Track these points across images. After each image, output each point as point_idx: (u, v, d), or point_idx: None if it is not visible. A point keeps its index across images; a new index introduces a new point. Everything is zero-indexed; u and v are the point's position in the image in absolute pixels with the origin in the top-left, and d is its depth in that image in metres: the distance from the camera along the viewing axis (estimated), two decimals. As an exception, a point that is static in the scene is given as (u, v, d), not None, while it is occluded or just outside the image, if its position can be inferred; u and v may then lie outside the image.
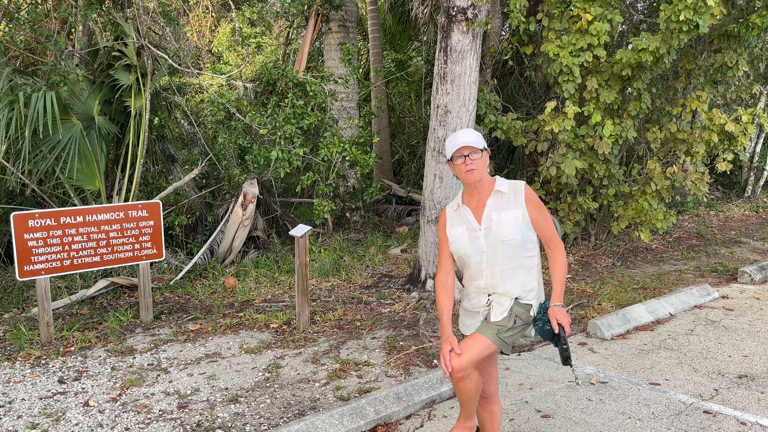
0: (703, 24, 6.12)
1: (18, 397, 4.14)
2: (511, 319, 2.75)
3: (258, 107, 8.17)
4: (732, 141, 7.44)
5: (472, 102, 6.25)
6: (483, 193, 2.81)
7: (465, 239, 2.78)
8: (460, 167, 2.74)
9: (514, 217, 2.73)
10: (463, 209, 2.83)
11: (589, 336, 5.30)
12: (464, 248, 2.79)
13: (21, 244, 5.02)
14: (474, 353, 2.69)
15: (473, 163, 2.72)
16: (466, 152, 2.72)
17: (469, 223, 2.79)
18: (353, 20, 9.73)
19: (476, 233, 2.76)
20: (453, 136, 2.78)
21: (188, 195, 8.14)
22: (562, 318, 2.72)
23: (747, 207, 12.34)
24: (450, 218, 2.88)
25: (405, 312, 5.92)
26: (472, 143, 2.71)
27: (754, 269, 7.10)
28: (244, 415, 3.88)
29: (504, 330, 2.74)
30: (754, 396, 4.13)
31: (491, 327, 2.75)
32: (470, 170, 2.72)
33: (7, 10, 7.19)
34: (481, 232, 2.75)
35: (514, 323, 2.75)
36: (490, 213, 2.75)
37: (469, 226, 2.79)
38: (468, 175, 2.73)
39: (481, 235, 2.75)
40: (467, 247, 2.78)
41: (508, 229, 2.71)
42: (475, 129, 6.54)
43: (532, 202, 2.77)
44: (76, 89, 6.87)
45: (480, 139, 2.76)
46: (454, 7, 6.04)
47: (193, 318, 5.79)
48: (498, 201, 2.77)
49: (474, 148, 2.72)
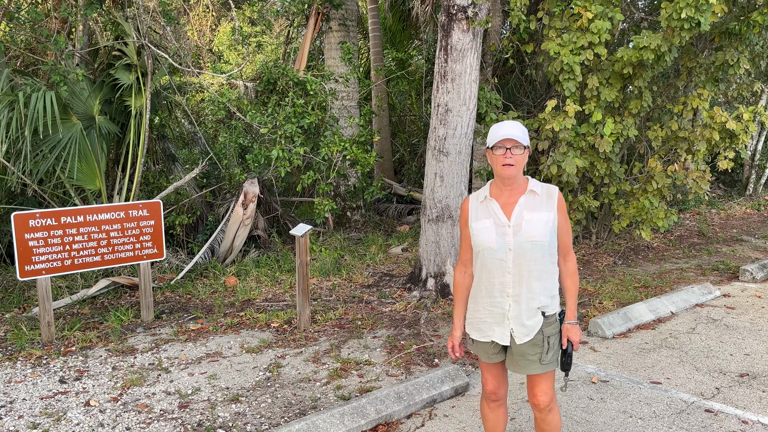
0: (704, 22, 6.10)
1: (19, 396, 4.14)
2: (545, 342, 2.74)
3: (258, 106, 8.16)
4: (733, 139, 7.42)
5: (473, 100, 6.24)
6: (515, 190, 2.73)
7: (492, 233, 2.69)
8: (499, 158, 2.66)
9: (545, 220, 2.68)
10: (490, 202, 2.74)
11: (591, 335, 5.30)
12: (489, 242, 2.69)
13: (22, 244, 5.02)
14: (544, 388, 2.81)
15: (512, 158, 2.63)
16: (509, 145, 2.64)
17: (497, 218, 2.70)
18: (354, 19, 9.72)
19: (504, 229, 2.68)
20: (499, 125, 2.68)
21: (189, 194, 8.14)
22: (574, 336, 2.76)
23: (748, 205, 12.32)
24: (474, 210, 2.78)
25: (406, 311, 5.92)
26: (517, 137, 2.62)
27: (755, 267, 7.08)
28: (245, 414, 3.88)
29: (543, 355, 2.75)
30: (756, 395, 4.13)
31: (532, 363, 2.74)
32: (508, 164, 2.64)
33: (8, 9, 7.19)
34: (510, 228, 2.67)
35: (548, 344, 2.74)
36: (522, 212, 2.68)
37: (497, 221, 2.70)
38: (504, 168, 2.65)
39: (510, 232, 2.67)
40: (493, 241, 2.68)
41: (538, 231, 2.65)
42: (475, 128, 6.53)
43: (561, 209, 2.74)
44: (76, 89, 6.87)
45: (525, 135, 2.67)
46: (454, 6, 6.03)
47: (194, 317, 5.79)
48: (530, 201, 2.70)
49: (518, 142, 2.64)
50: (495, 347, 2.84)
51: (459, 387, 4.16)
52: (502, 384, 2.96)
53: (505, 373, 2.96)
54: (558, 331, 2.78)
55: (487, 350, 2.86)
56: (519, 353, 2.76)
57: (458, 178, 6.29)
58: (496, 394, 2.96)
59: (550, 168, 7.17)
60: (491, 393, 2.97)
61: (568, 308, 2.79)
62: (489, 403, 3.00)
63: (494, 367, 2.91)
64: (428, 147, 6.38)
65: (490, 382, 2.95)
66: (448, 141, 6.19)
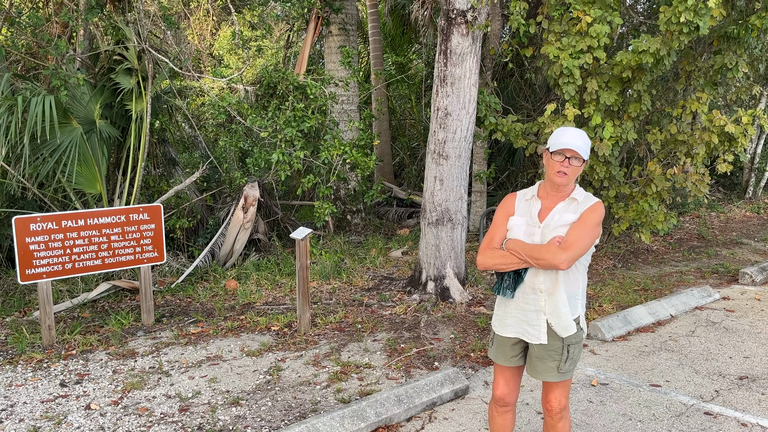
0: (703, 26, 6.12)
1: (20, 400, 4.15)
2: (564, 350, 2.76)
3: (259, 110, 8.18)
4: (732, 142, 7.44)
5: (473, 104, 6.26)
6: (560, 196, 2.77)
7: (521, 231, 2.75)
8: (555, 165, 2.67)
9: (570, 221, 2.70)
10: (535, 201, 2.80)
11: (590, 337, 5.31)
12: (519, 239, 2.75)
13: (23, 248, 5.03)
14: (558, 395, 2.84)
15: (569, 168, 2.66)
16: (569, 155, 2.65)
17: (530, 217, 2.76)
18: (353, 23, 9.75)
19: (533, 228, 2.74)
20: (563, 130, 2.69)
21: (189, 198, 8.16)
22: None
23: (748, 208, 12.34)
24: (519, 206, 2.83)
25: (406, 314, 5.93)
26: (578, 149, 2.63)
27: (755, 270, 7.09)
28: (245, 417, 3.88)
29: (562, 364, 2.78)
30: (755, 397, 4.13)
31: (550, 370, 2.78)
32: (562, 173, 2.67)
33: (9, 14, 7.22)
34: (538, 229, 2.73)
35: (567, 353, 2.77)
36: (554, 214, 2.73)
37: (529, 220, 2.76)
38: (557, 176, 2.68)
39: (538, 232, 2.72)
40: (522, 239, 2.74)
41: (562, 230, 2.68)
42: (475, 131, 6.55)
43: (585, 213, 2.70)
44: (77, 93, 6.89)
45: (587, 148, 2.68)
46: (453, 10, 6.06)
47: (195, 321, 5.80)
48: (567, 206, 2.74)
49: (578, 154, 2.65)
50: (515, 349, 2.86)
51: (459, 390, 4.17)
52: (513, 390, 2.94)
53: (518, 380, 2.95)
54: (580, 341, 2.80)
55: (507, 352, 2.86)
56: (538, 357, 2.78)
57: (458, 182, 6.30)
58: (505, 399, 2.94)
59: (550, 171, 7.18)
60: (500, 398, 2.94)
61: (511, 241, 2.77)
62: (497, 408, 2.99)
63: (508, 371, 2.91)
64: (428, 150, 6.40)
65: (501, 387, 2.93)
66: (448, 144, 6.20)
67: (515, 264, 2.71)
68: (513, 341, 2.84)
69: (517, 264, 2.71)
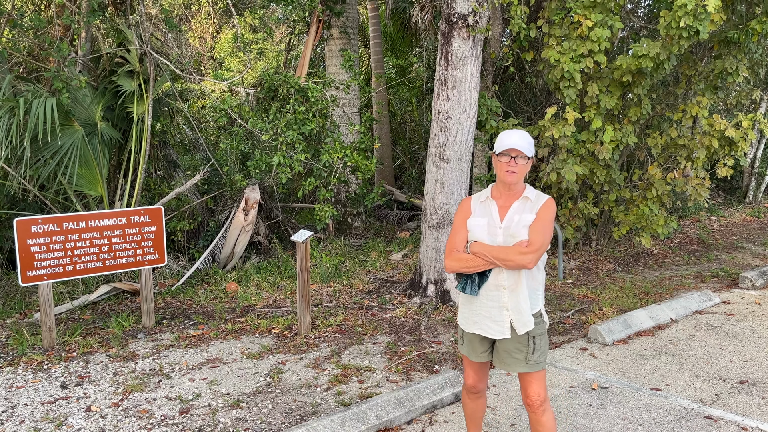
0: (703, 30, 6.14)
1: (20, 402, 4.15)
2: (530, 342, 2.90)
3: (260, 113, 8.19)
4: (732, 146, 7.45)
5: (473, 108, 6.27)
6: (513, 195, 2.92)
7: (484, 232, 2.89)
8: (503, 165, 2.85)
9: (529, 221, 2.85)
10: (490, 202, 2.95)
11: (590, 341, 5.31)
12: (482, 240, 2.89)
13: (24, 250, 5.04)
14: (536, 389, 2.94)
15: (516, 167, 2.83)
16: (514, 154, 2.82)
17: (491, 218, 2.91)
18: (354, 27, 9.77)
19: (495, 229, 2.88)
20: (507, 133, 2.86)
21: (190, 200, 8.16)
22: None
23: (748, 212, 12.34)
24: (475, 208, 2.98)
25: (406, 317, 5.93)
26: (522, 148, 2.81)
27: (755, 274, 7.10)
28: (245, 420, 3.88)
29: (529, 355, 2.90)
30: (755, 401, 4.14)
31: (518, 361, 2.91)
32: (510, 172, 2.83)
33: (11, 16, 7.23)
34: (500, 229, 2.88)
35: (534, 344, 2.90)
36: (513, 215, 2.88)
37: (491, 221, 2.90)
38: (507, 175, 2.84)
39: (500, 233, 2.87)
40: (485, 239, 2.88)
41: (523, 231, 2.82)
42: (476, 135, 6.56)
43: (541, 211, 2.86)
44: (78, 95, 6.90)
45: (531, 147, 2.85)
46: (455, 14, 6.07)
47: (195, 323, 5.80)
48: (522, 205, 2.89)
49: (522, 153, 2.82)
50: (484, 344, 3.02)
51: (459, 393, 4.17)
52: (483, 379, 3.16)
53: (486, 370, 3.15)
54: (544, 333, 2.94)
55: (477, 348, 3.03)
56: (505, 350, 2.93)
57: (459, 185, 6.31)
58: (476, 387, 3.17)
59: (550, 175, 7.20)
60: (471, 387, 3.17)
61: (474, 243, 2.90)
62: (470, 395, 3.22)
63: (477, 364, 3.10)
64: (429, 154, 6.41)
65: (471, 377, 3.15)
66: (449, 148, 6.22)
67: (482, 266, 2.87)
68: (480, 338, 3.02)
69: (484, 266, 2.87)
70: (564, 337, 5.44)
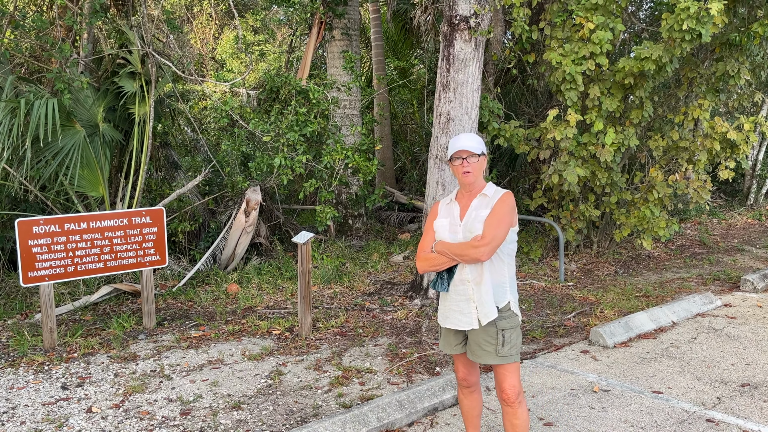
0: (705, 33, 6.14)
1: (21, 403, 4.15)
2: (499, 335, 2.97)
3: (261, 114, 8.20)
4: (734, 149, 7.45)
5: (475, 110, 6.27)
6: (474, 194, 3.07)
7: (446, 231, 3.05)
8: (458, 168, 3.02)
9: (485, 216, 2.97)
10: (453, 204, 3.11)
11: (592, 344, 5.30)
12: (444, 239, 3.05)
13: (25, 251, 5.04)
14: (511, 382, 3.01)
15: (469, 166, 2.99)
16: (464, 155, 2.98)
17: (453, 218, 3.06)
18: (356, 28, 9.78)
19: (456, 227, 3.03)
20: (455, 138, 3.04)
21: (191, 202, 8.17)
22: None
23: (749, 215, 12.33)
24: (441, 211, 3.15)
25: (407, 319, 5.93)
26: (470, 148, 2.96)
27: (756, 277, 7.09)
28: (246, 422, 3.88)
29: (499, 348, 2.97)
30: (757, 404, 4.13)
31: (488, 354, 2.98)
32: (466, 172, 3.00)
33: (13, 17, 7.24)
34: (460, 227, 3.02)
35: (503, 337, 2.97)
36: (471, 212, 3.02)
37: (452, 221, 3.06)
38: (464, 176, 3.01)
39: (460, 230, 3.01)
40: (447, 238, 3.04)
41: (479, 225, 2.94)
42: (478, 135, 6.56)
43: (497, 205, 2.95)
44: (80, 96, 6.90)
45: (479, 144, 3.01)
46: (456, 16, 6.07)
47: (196, 324, 5.80)
48: (481, 202, 3.02)
49: (471, 152, 2.98)
50: (457, 337, 3.12)
51: (460, 395, 4.16)
52: (472, 372, 3.22)
53: (474, 363, 3.21)
54: (515, 326, 3.01)
55: (451, 341, 3.15)
56: (475, 342, 3.02)
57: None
58: (467, 380, 3.23)
59: (552, 177, 7.20)
60: (462, 380, 3.23)
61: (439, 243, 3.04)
62: (463, 390, 3.27)
63: (462, 356, 3.18)
64: (430, 155, 6.41)
65: (461, 370, 3.22)
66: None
67: (446, 263, 3.00)
68: (453, 331, 3.13)
69: (448, 262, 3.00)
70: (565, 339, 5.43)
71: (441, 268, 3.03)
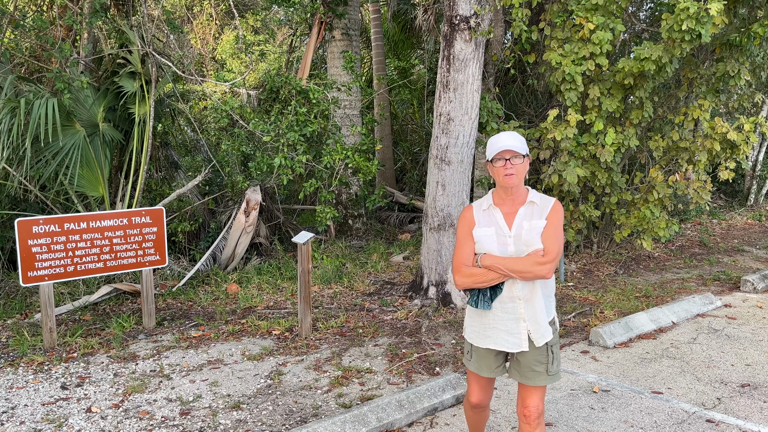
0: (705, 33, 6.14)
1: (21, 402, 4.15)
2: (549, 352, 2.78)
3: (261, 114, 8.20)
4: (734, 149, 7.45)
5: (475, 110, 6.27)
6: (517, 200, 2.78)
7: (493, 242, 2.73)
8: (500, 170, 2.70)
9: (540, 228, 2.71)
10: (494, 210, 2.79)
11: (592, 344, 5.30)
12: (491, 251, 2.74)
13: (25, 250, 5.04)
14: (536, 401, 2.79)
15: (513, 168, 2.68)
16: (508, 156, 2.68)
17: (498, 227, 2.75)
18: (356, 28, 9.78)
19: (505, 239, 2.73)
20: (495, 137, 2.73)
21: (191, 202, 8.17)
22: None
23: (750, 215, 12.33)
24: (478, 218, 2.81)
25: (407, 319, 5.93)
26: (515, 147, 2.66)
27: (756, 278, 7.09)
28: (246, 422, 3.88)
29: (550, 366, 2.78)
30: (757, 405, 4.13)
31: (539, 374, 2.77)
32: (509, 174, 2.68)
33: (13, 17, 7.24)
34: (510, 238, 2.72)
35: (552, 354, 2.79)
36: (521, 221, 2.73)
37: (499, 231, 2.75)
38: (506, 179, 2.69)
39: (511, 242, 2.72)
40: (495, 250, 2.73)
41: (536, 238, 2.68)
42: (477, 137, 6.56)
43: (551, 216, 2.73)
44: (80, 96, 6.90)
45: (523, 144, 2.71)
46: (457, 16, 6.07)
47: (196, 324, 5.79)
48: (529, 211, 2.74)
49: (516, 152, 2.68)
50: (498, 359, 2.86)
51: (460, 395, 4.16)
52: (489, 395, 3.01)
53: (492, 385, 3.00)
54: (558, 341, 2.83)
55: (491, 364, 2.87)
56: (526, 364, 2.77)
57: (460, 187, 6.31)
58: (482, 404, 3.01)
59: (552, 177, 7.19)
60: (477, 404, 3.00)
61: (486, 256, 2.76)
62: (473, 409, 3.06)
63: (485, 380, 2.94)
64: (430, 156, 6.41)
65: (476, 395, 2.97)
66: (450, 150, 6.21)
67: (496, 279, 2.71)
68: (495, 352, 2.85)
69: (498, 279, 2.70)
70: (565, 339, 5.43)
71: (488, 285, 2.72)
